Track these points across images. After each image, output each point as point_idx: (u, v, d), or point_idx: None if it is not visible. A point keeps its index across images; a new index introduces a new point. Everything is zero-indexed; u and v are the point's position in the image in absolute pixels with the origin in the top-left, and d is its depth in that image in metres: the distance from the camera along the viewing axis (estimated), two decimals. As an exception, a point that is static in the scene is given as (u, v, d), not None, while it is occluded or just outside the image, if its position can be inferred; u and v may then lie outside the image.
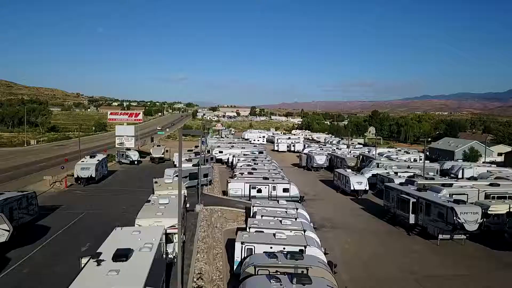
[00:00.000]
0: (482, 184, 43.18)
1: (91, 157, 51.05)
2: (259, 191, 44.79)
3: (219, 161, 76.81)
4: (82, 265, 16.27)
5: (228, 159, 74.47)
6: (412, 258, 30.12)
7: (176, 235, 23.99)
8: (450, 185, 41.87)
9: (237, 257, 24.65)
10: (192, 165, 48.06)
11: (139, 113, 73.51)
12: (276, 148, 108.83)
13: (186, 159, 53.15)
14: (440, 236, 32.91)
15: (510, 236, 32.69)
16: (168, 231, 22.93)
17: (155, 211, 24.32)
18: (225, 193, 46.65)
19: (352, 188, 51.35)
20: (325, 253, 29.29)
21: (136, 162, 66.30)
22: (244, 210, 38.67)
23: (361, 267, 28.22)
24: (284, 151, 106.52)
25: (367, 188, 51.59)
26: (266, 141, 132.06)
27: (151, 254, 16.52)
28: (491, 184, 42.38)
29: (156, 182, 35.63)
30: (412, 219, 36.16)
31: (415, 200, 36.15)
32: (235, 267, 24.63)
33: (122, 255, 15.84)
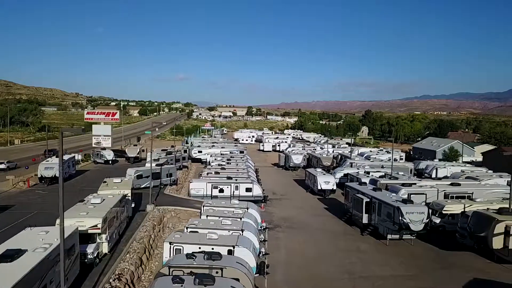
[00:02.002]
0: (443, 184, 42.87)
1: (56, 156, 50.82)
2: (221, 191, 44.55)
3: (198, 160, 76.73)
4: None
5: (206, 158, 74.29)
6: (357, 258, 29.80)
7: (103, 235, 23.90)
8: (410, 185, 41.49)
9: (166, 258, 24.32)
10: (156, 165, 47.78)
11: (116, 113, 73.21)
12: (261, 148, 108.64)
13: (154, 159, 52.80)
14: (389, 236, 32.59)
15: (461, 236, 32.35)
16: (90, 231, 22.73)
17: (81, 211, 24.08)
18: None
19: (319, 187, 51.03)
20: (265, 254, 29.26)
21: (110, 162, 66.08)
22: (199, 210, 38.41)
23: (301, 267, 27.88)
24: (270, 151, 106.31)
25: (335, 187, 51.24)
26: (255, 140, 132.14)
27: (42, 255, 16.25)
28: (452, 184, 42.03)
29: (104, 182, 35.45)
30: (365, 219, 35.86)
31: (368, 199, 35.84)
32: (163, 267, 24.39)
33: (7, 256, 15.61)
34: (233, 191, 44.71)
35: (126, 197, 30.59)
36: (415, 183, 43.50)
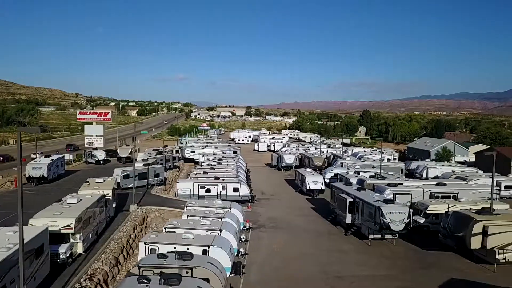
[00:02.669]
0: (429, 184, 42.85)
1: (45, 156, 50.89)
2: (208, 191, 44.57)
3: (192, 160, 76.73)
4: None
5: (199, 158, 74.31)
6: (336, 258, 29.74)
7: (77, 235, 23.89)
8: (395, 185, 41.43)
9: (141, 258, 24.35)
10: (143, 165, 47.81)
11: (108, 113, 73.31)
12: (256, 148, 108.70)
13: (142, 159, 52.94)
14: (371, 236, 32.54)
15: (443, 236, 32.23)
16: (63, 231, 22.70)
17: (55, 211, 24.07)
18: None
19: (308, 187, 51.03)
20: (244, 254, 29.33)
21: (102, 162, 65.99)
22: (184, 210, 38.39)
23: (279, 267, 27.81)
24: (265, 151, 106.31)
25: (323, 187, 51.21)
26: (252, 140, 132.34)
27: (2, 256, 16.23)
28: (437, 184, 42.00)
29: (87, 182, 35.48)
30: (348, 219, 35.80)
31: (352, 199, 35.79)
32: (138, 267, 24.32)
33: (-33, 256, 15.57)
34: (220, 191, 44.72)
35: (106, 197, 30.51)
36: (401, 183, 43.42)
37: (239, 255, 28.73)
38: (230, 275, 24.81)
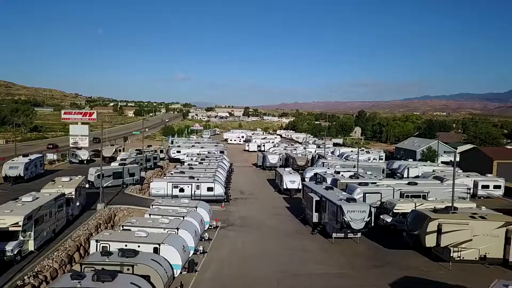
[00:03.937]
0: (400, 183, 42.91)
1: (23, 156, 51.11)
2: (182, 190, 44.71)
3: (177, 160, 76.93)
4: None
5: (184, 158, 74.55)
6: (297, 257, 29.70)
7: (28, 233, 24.03)
8: (366, 184, 41.50)
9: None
10: (119, 164, 47.99)
11: (93, 113, 73.70)
12: (246, 148, 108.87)
13: (121, 159, 53.12)
14: (334, 235, 32.64)
15: (407, 234, 32.29)
16: (10, 228, 22.86)
17: (6, 209, 24.22)
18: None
19: (285, 186, 51.15)
20: (202, 252, 29.46)
21: (85, 162, 66.17)
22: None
23: (235, 266, 27.83)
24: (255, 151, 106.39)
25: (300, 187, 51.19)
26: (245, 141, 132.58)
27: None
28: (408, 183, 42.06)
29: (53, 181, 35.67)
30: (315, 217, 35.89)
31: (318, 198, 35.88)
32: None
33: None
34: (194, 191, 44.87)
35: (67, 196, 30.64)
36: (374, 183, 43.46)
37: (198, 253, 28.86)
38: (183, 273, 25.01)
